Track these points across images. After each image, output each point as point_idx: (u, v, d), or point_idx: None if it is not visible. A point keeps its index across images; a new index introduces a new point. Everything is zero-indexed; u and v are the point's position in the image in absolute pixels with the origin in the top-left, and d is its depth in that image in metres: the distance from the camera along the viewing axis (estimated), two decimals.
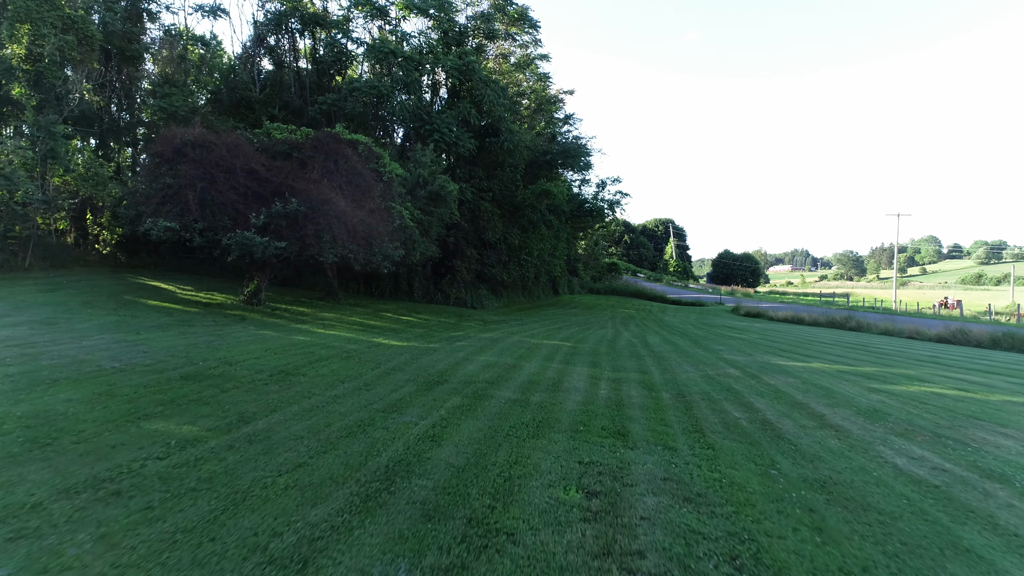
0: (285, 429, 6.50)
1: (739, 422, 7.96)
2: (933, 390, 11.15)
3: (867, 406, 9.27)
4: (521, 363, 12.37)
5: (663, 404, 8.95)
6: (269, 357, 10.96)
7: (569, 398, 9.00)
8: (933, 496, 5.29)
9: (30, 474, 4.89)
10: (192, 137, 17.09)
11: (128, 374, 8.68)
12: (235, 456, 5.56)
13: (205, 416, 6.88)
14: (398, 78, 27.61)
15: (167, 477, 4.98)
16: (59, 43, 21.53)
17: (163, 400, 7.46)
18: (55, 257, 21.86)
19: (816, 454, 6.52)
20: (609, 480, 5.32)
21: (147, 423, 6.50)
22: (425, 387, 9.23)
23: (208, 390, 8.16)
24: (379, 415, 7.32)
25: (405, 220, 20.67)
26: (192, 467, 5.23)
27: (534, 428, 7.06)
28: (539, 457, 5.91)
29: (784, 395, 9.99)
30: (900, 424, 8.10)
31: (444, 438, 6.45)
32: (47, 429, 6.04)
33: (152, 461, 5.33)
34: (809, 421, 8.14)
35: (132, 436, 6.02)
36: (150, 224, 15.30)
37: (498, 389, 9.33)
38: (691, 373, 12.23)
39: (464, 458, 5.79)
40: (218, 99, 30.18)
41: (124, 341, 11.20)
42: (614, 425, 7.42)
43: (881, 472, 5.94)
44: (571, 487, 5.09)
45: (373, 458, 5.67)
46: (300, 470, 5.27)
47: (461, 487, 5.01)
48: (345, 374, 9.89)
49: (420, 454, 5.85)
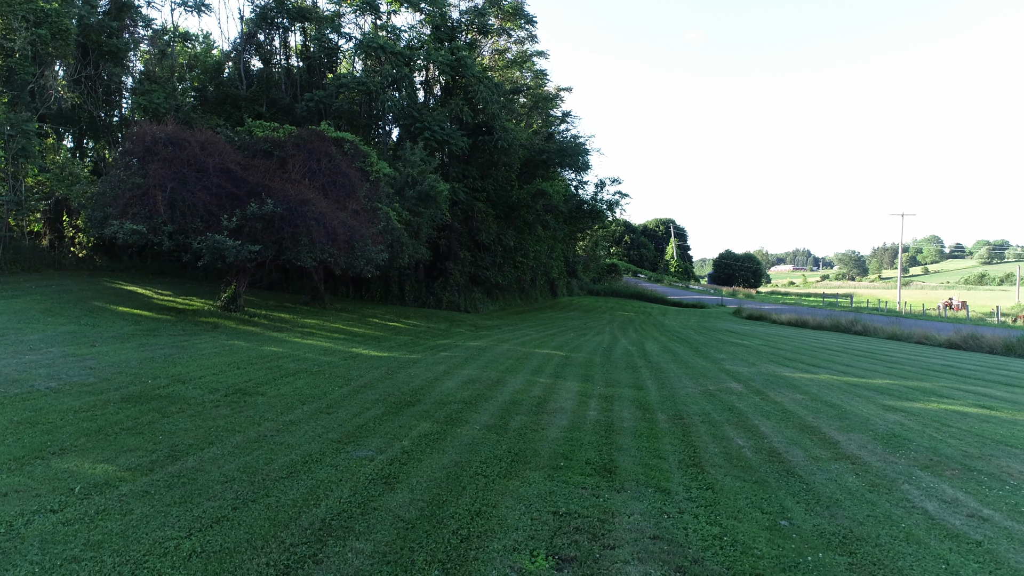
0: (217, 468, 5.61)
1: (743, 452, 7.06)
2: (954, 407, 10.24)
3: (885, 430, 8.35)
4: (506, 378, 11.46)
5: (658, 429, 8.05)
6: (230, 372, 10.06)
7: (553, 422, 8.09)
8: (978, 559, 4.39)
9: None
10: (164, 134, 16.21)
11: (62, 396, 7.79)
12: (144, 508, 4.66)
13: (130, 450, 5.99)
14: (388, 73, 26.70)
15: (50, 540, 4.09)
16: (31, 37, 20.65)
17: (89, 429, 6.57)
18: (27, 260, 20.97)
19: (832, 496, 5.62)
20: (586, 540, 4.42)
21: (59, 460, 5.62)
22: (394, 409, 8.33)
23: (147, 415, 7.27)
24: (331, 447, 6.43)
25: (392, 221, 19.77)
26: (86, 524, 4.34)
27: (507, 464, 6.16)
28: (507, 506, 5.01)
29: (793, 416, 9.08)
30: (924, 453, 7.19)
31: (400, 478, 5.55)
32: None
33: (41, 515, 4.45)
34: (822, 451, 7.23)
35: (33, 479, 5.13)
36: (116, 226, 14.41)
37: (475, 412, 8.42)
38: (690, 389, 11.32)
39: (418, 508, 4.89)
40: (204, 96, 29.30)
41: (72, 356, 10.31)
42: (600, 458, 6.52)
43: (910, 523, 5.03)
44: (539, 551, 4.19)
45: (309, 509, 4.78)
46: (215, 528, 4.37)
47: (406, 552, 4.12)
48: (308, 393, 8.99)
49: (366, 502, 4.95)
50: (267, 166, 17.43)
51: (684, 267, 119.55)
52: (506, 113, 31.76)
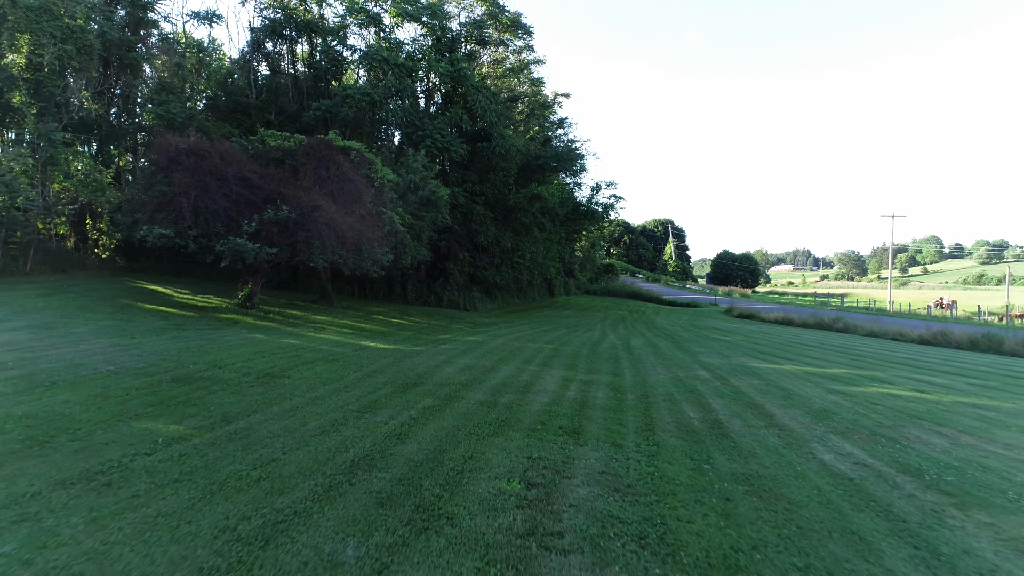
0: (263, 428, 7.08)
1: (692, 422, 8.53)
2: (891, 391, 11.71)
3: (820, 407, 9.83)
4: (499, 366, 12.95)
5: (625, 405, 9.52)
6: (257, 360, 11.53)
7: (536, 399, 9.57)
8: (843, 488, 5.86)
9: (29, 468, 5.46)
10: (187, 145, 17.68)
11: (121, 377, 9.26)
12: (215, 452, 6.13)
13: (191, 416, 7.46)
14: (391, 84, 28.18)
15: (152, 471, 5.55)
16: (58, 52, 22.13)
17: (153, 402, 8.03)
18: (55, 261, 22.46)
19: (752, 451, 7.09)
20: (551, 474, 5.89)
21: (137, 423, 7.08)
22: (401, 389, 9.80)
23: (196, 392, 8.74)
24: (353, 415, 7.90)
25: (396, 225, 21.24)
26: (176, 462, 5.80)
27: (496, 427, 7.63)
28: (493, 454, 6.48)
29: (744, 396, 10.56)
30: (843, 424, 8.66)
31: (409, 436, 7.03)
32: (45, 428, 6.61)
33: (139, 457, 5.91)
34: (758, 421, 8.70)
35: (122, 435, 6.59)
36: (145, 231, 15.87)
37: (470, 391, 9.90)
38: (662, 375, 12.80)
39: (424, 454, 6.36)
40: (215, 105, 30.77)
41: (119, 345, 11.78)
42: (572, 424, 7.99)
43: (805, 467, 6.51)
44: (515, 479, 5.66)
45: (341, 454, 6.25)
46: (272, 464, 5.84)
47: (416, 479, 5.58)
48: (327, 377, 10.47)
49: (384, 451, 6.42)
50: (281, 174, 18.90)
51: (682, 267, 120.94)
52: (504, 121, 33.22)
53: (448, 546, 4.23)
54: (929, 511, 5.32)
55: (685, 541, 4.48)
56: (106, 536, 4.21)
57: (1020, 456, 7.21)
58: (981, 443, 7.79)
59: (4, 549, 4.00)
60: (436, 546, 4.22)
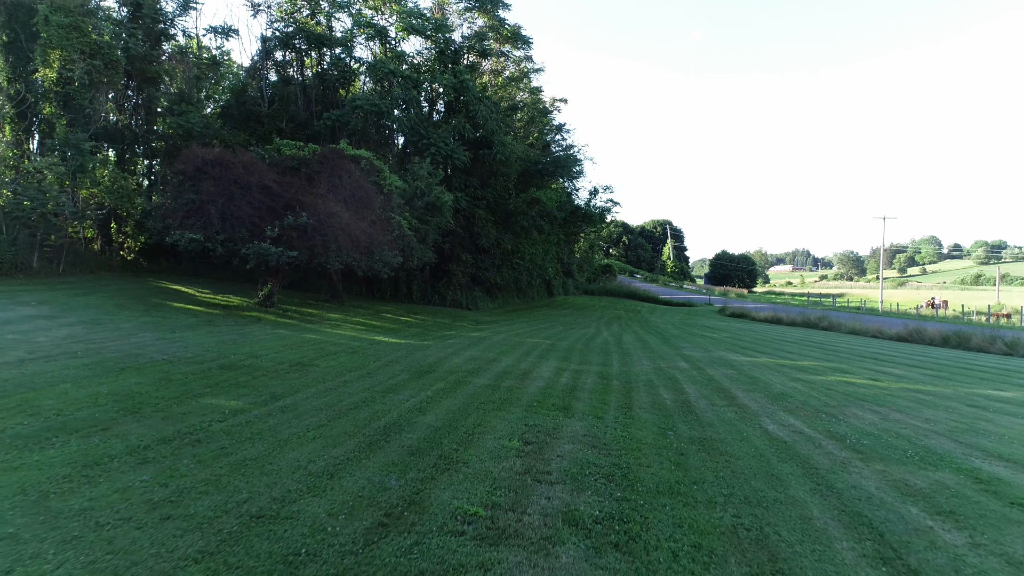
0: (308, 404, 8.59)
1: (664, 402, 10.04)
2: (848, 380, 13.22)
3: (779, 391, 11.34)
4: (500, 358, 14.47)
5: (610, 389, 11.04)
6: (286, 352, 13.05)
7: (533, 384, 11.09)
8: (776, 447, 7.37)
9: (133, 429, 6.96)
10: (212, 156, 19.20)
11: (176, 364, 10.77)
12: (274, 420, 7.64)
13: (245, 395, 8.97)
14: (397, 95, 29.71)
15: (229, 432, 7.05)
16: (87, 67, 23.65)
17: (209, 384, 9.54)
18: (84, 263, 23.98)
19: (710, 422, 8.59)
20: (543, 436, 7.40)
21: (202, 399, 8.58)
22: (416, 376, 11.32)
23: (242, 377, 10.25)
24: (379, 395, 9.41)
25: (403, 229, 22.77)
26: (245, 426, 7.31)
27: (499, 404, 9.14)
28: (497, 422, 7.99)
29: (714, 383, 12.07)
30: (794, 403, 10.17)
31: (428, 410, 8.54)
32: (131, 402, 8.11)
33: (215, 423, 7.41)
34: (722, 401, 10.21)
35: (194, 408, 8.09)
36: (177, 236, 17.39)
37: (476, 377, 11.42)
38: (646, 365, 14.32)
39: (441, 422, 7.87)
40: (229, 113, 32.29)
41: (164, 338, 13.29)
42: (563, 403, 9.51)
43: (750, 433, 8.02)
44: (514, 439, 7.17)
45: (375, 421, 7.75)
46: (322, 428, 7.35)
47: (436, 438, 7.09)
48: (351, 366, 11.98)
49: (410, 419, 7.93)
50: (298, 183, 20.42)
51: (680, 268, 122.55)
52: (504, 128, 34.76)
53: (465, 479, 5.74)
54: (839, 462, 6.83)
55: (642, 478, 5.99)
56: (212, 471, 5.71)
57: (933, 428, 8.71)
58: (906, 418, 9.30)
59: (143, 477, 5.51)
60: (456, 479, 5.73)
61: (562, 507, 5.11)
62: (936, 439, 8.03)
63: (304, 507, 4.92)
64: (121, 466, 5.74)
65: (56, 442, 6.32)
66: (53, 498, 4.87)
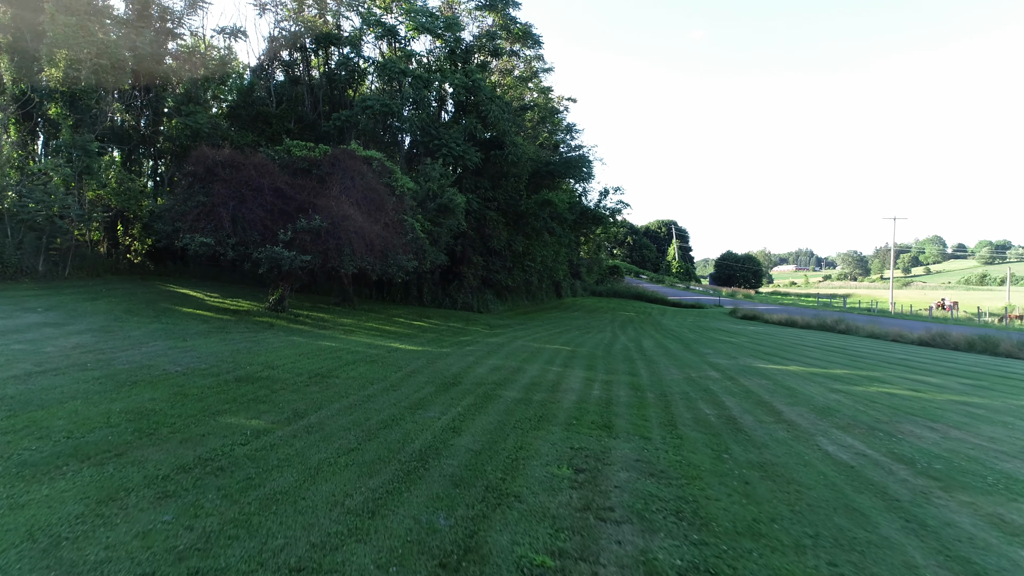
0: (334, 422, 8.04)
1: (708, 417, 9.47)
2: (888, 390, 12.64)
3: (823, 404, 10.76)
4: (524, 366, 13.91)
5: (646, 402, 10.47)
6: (304, 361, 12.51)
7: (566, 398, 10.52)
8: (845, 473, 6.80)
9: (150, 456, 6.42)
10: (223, 158, 18.67)
11: (191, 377, 10.23)
12: (300, 443, 7.09)
13: (266, 412, 8.42)
14: (407, 95, 29.17)
15: (254, 458, 6.51)
16: (94, 67, 23.14)
17: (227, 399, 9.00)
18: (90, 267, 23.48)
19: (764, 443, 8.03)
20: (593, 461, 6.84)
21: (221, 418, 8.04)
22: (443, 388, 10.77)
23: (261, 391, 9.70)
24: (407, 411, 8.86)
25: (417, 232, 22.22)
26: (270, 451, 6.76)
27: (535, 422, 8.58)
28: (539, 445, 7.43)
29: (753, 395, 11.50)
30: (844, 420, 9.59)
31: (463, 430, 7.98)
32: (147, 422, 7.57)
33: (238, 447, 6.86)
34: (768, 417, 9.64)
35: (214, 428, 7.55)
36: (187, 239, 16.86)
37: (505, 390, 10.86)
38: (675, 375, 13.75)
39: (480, 444, 7.32)
40: (236, 114, 31.78)
41: (175, 347, 12.76)
42: (602, 419, 8.95)
43: (811, 456, 7.45)
44: (563, 465, 6.61)
45: (408, 444, 7.20)
46: (354, 453, 6.80)
47: (478, 465, 6.54)
48: (373, 376, 11.44)
49: (445, 442, 7.38)
50: (310, 184, 19.89)
51: (685, 268, 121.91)
52: (515, 128, 34.21)
53: (521, 517, 5.18)
54: (918, 492, 6.26)
55: (714, 515, 5.43)
56: (241, 509, 5.16)
57: (1001, 448, 8.13)
58: (967, 436, 8.72)
59: (165, 517, 4.96)
60: (511, 517, 5.18)
61: (637, 554, 4.55)
62: (1011, 462, 7.46)
63: (349, 556, 4.37)
64: (140, 502, 5.19)
65: (67, 471, 5.78)
66: (66, 546, 4.33)
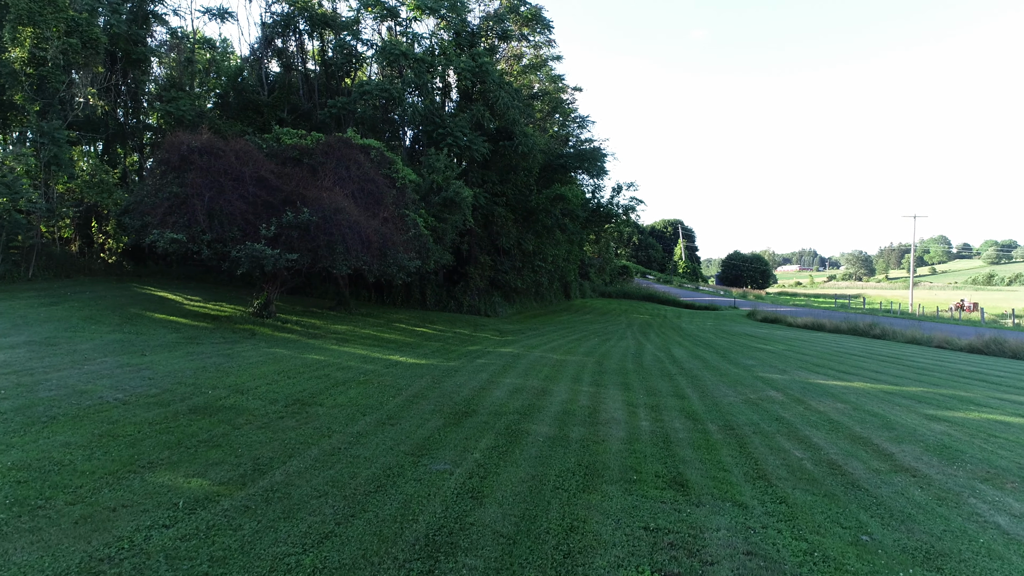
0: (306, 482, 5.80)
1: (803, 464, 7.21)
2: (995, 417, 10.36)
3: (935, 441, 8.48)
4: (550, 387, 11.63)
5: (713, 440, 8.20)
6: (283, 382, 10.27)
7: (611, 433, 8.26)
8: None
9: (15, 553, 4.21)
10: (199, 144, 16.44)
11: (132, 407, 8.00)
12: (252, 523, 4.85)
13: (216, 463, 6.19)
14: (409, 80, 26.93)
15: (174, 556, 4.28)
16: (63, 46, 20.95)
17: (170, 442, 6.77)
18: (59, 267, 21.28)
19: (904, 511, 5.76)
20: (684, 556, 4.59)
21: (152, 474, 5.82)
22: (453, 420, 8.51)
23: (219, 427, 7.47)
24: (408, 460, 6.61)
25: (420, 228, 19.97)
26: (203, 540, 4.53)
27: (582, 477, 6.33)
28: (597, 521, 5.18)
29: (840, 427, 9.22)
30: (980, 466, 7.32)
31: (485, 493, 5.73)
32: (39, 485, 5.36)
33: (157, 531, 4.64)
34: (879, 463, 7.37)
35: (135, 494, 5.33)
36: (156, 235, 14.65)
37: (532, 423, 8.60)
38: (731, 397, 11.46)
39: (512, 523, 5.07)
40: (225, 102, 29.59)
41: (128, 365, 10.53)
42: (668, 471, 6.68)
43: (987, 538, 5.18)
44: (644, 568, 4.36)
45: (409, 524, 4.96)
46: (328, 543, 4.56)
47: (516, 568, 4.29)
48: (365, 403, 9.19)
49: (461, 517, 5.13)
50: (300, 174, 17.66)
51: (692, 268, 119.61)
52: (525, 118, 31.95)
53: None
54: None
55: None
56: None
57: None
58: None
59: None
60: None
61: None
62: None
63: None
64: None
65: None
66: None
